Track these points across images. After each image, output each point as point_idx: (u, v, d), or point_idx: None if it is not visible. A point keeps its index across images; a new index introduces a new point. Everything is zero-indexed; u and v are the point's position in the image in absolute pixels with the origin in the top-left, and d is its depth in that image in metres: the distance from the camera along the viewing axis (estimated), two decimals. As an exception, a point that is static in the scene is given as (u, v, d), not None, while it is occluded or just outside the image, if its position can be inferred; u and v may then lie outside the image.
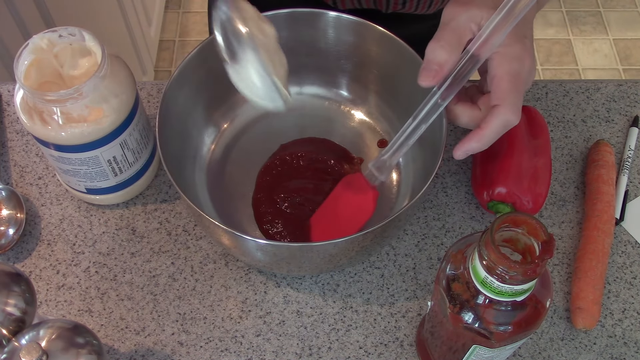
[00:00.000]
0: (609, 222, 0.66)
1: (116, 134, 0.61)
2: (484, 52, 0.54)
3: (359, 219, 0.64)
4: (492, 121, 0.55)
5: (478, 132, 0.56)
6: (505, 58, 0.55)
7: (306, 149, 0.70)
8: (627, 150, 0.73)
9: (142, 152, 0.67)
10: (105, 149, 0.62)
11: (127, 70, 0.63)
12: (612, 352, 0.62)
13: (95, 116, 0.59)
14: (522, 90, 0.56)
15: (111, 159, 0.63)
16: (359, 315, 0.64)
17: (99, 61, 0.60)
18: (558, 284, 0.66)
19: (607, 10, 2.03)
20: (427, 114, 0.57)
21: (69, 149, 0.61)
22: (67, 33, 0.61)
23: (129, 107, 0.62)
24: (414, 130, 0.58)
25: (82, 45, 0.61)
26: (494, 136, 0.56)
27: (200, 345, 0.62)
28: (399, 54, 0.65)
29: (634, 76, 1.89)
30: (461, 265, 0.48)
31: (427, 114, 0.57)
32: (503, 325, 0.47)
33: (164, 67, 1.88)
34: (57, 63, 0.61)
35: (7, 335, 0.50)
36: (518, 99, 0.55)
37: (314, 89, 0.74)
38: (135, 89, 0.63)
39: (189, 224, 0.69)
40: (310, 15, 0.67)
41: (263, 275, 0.66)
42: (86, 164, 0.62)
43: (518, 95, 0.55)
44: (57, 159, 0.63)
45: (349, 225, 0.64)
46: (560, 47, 1.94)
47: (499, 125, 0.55)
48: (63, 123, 0.59)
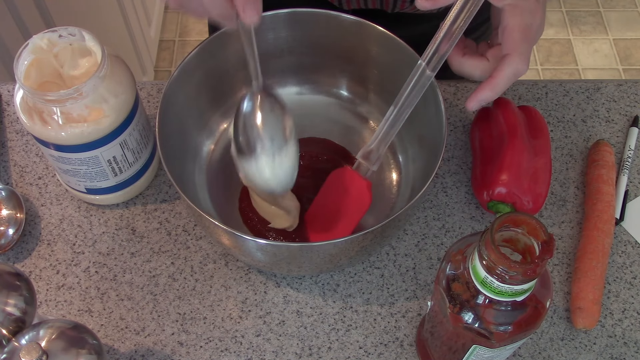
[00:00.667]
0: (609, 222, 0.66)
1: (116, 134, 0.61)
2: None
3: (356, 211, 0.64)
4: (504, 69, 0.56)
5: (490, 81, 0.57)
6: (518, 10, 0.56)
7: (306, 148, 0.70)
8: (627, 150, 0.73)
9: (142, 152, 0.67)
10: (105, 149, 0.62)
11: (127, 70, 0.63)
12: (612, 352, 0.62)
13: (95, 116, 0.59)
14: (532, 43, 0.57)
15: (111, 159, 0.63)
16: (359, 315, 0.64)
17: (99, 61, 0.60)
18: (558, 284, 0.66)
19: (607, 10, 2.03)
20: (412, 93, 0.58)
21: (69, 149, 0.61)
22: (67, 33, 0.61)
23: (128, 107, 0.62)
24: (399, 114, 0.59)
25: (82, 45, 0.61)
26: (505, 84, 0.57)
27: (200, 345, 0.62)
28: (399, 54, 0.65)
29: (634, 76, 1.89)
30: (461, 265, 0.48)
31: (412, 93, 0.58)
32: (503, 325, 0.47)
33: (164, 67, 1.88)
34: (57, 63, 0.61)
35: (7, 335, 0.50)
36: (528, 50, 0.57)
37: (314, 89, 0.74)
38: (135, 89, 0.63)
39: (189, 224, 0.69)
40: (310, 15, 0.67)
41: (263, 275, 0.66)
42: (86, 164, 0.62)
43: (528, 46, 0.57)
44: (57, 159, 0.63)
45: (348, 219, 0.64)
46: (560, 47, 1.94)
47: (510, 73, 0.57)
48: (63, 123, 0.59)
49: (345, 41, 0.69)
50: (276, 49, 0.70)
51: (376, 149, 0.62)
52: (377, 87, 0.71)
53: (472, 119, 0.75)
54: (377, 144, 0.62)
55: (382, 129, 0.61)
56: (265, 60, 0.71)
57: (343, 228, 0.64)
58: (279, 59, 0.71)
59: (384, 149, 0.62)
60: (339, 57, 0.70)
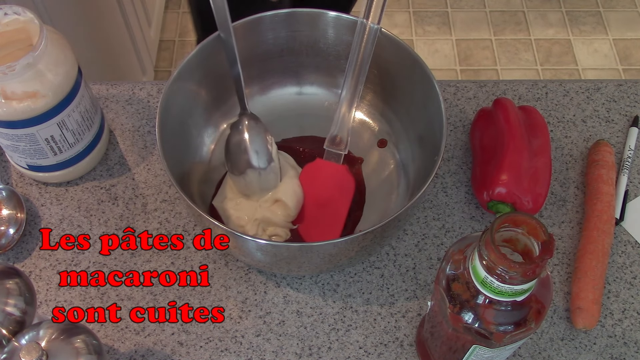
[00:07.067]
0: (609, 222, 0.66)
1: (52, 114, 0.62)
2: None
3: (344, 196, 0.64)
4: None
5: None
6: None
7: (306, 147, 0.70)
8: (627, 150, 0.73)
9: (84, 133, 0.68)
10: (42, 128, 0.63)
11: (69, 53, 0.64)
12: (612, 352, 0.62)
13: (30, 95, 0.60)
14: None
15: (49, 138, 0.64)
16: (359, 315, 0.64)
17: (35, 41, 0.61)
18: (558, 284, 0.66)
19: (607, 10, 2.03)
20: (364, 58, 0.58)
21: (5, 125, 0.62)
22: (12, 11, 0.62)
23: (67, 89, 0.63)
24: (355, 87, 0.59)
25: (21, 23, 0.63)
26: None
27: (200, 345, 0.62)
28: (399, 54, 0.65)
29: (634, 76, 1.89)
30: (461, 265, 0.48)
31: (364, 58, 0.58)
32: (503, 325, 0.47)
33: (164, 67, 1.88)
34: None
35: (7, 335, 0.50)
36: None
37: (314, 89, 0.74)
38: (77, 71, 0.64)
39: (189, 224, 0.69)
40: (310, 15, 0.67)
41: (263, 275, 0.66)
42: (23, 140, 0.64)
43: None
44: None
45: (337, 206, 0.64)
46: (560, 47, 1.94)
47: None
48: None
49: (345, 41, 0.69)
50: (276, 49, 0.70)
51: (340, 129, 0.62)
52: (376, 87, 0.71)
53: (472, 119, 0.75)
54: (339, 128, 0.61)
55: (340, 111, 0.60)
56: (265, 60, 0.71)
57: (336, 218, 0.64)
58: (279, 59, 0.71)
59: (348, 126, 0.61)
60: (339, 57, 0.70)
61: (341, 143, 0.63)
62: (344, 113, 0.60)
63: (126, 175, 0.72)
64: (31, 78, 0.60)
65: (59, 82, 0.61)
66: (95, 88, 0.78)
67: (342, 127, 0.61)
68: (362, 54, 0.57)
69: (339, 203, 0.66)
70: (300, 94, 0.74)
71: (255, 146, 0.63)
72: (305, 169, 0.67)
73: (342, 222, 0.65)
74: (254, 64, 0.70)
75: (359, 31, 0.56)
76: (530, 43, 1.93)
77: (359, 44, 0.57)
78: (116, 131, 0.75)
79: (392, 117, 0.71)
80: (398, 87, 0.69)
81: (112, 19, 1.45)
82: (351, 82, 0.59)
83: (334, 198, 0.66)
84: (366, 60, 0.58)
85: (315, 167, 0.67)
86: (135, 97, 0.77)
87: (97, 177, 0.72)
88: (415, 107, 0.67)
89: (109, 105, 0.77)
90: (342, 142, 0.63)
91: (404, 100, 0.69)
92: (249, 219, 0.64)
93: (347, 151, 0.64)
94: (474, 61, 1.89)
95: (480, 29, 1.96)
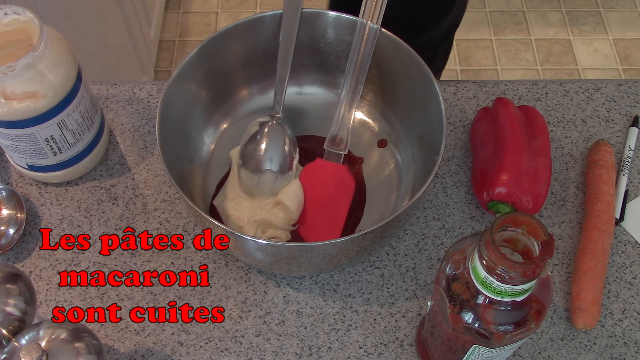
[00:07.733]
0: (609, 222, 0.66)
1: (52, 114, 0.62)
2: None
3: (344, 196, 0.64)
4: None
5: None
6: None
7: (306, 146, 0.70)
8: (627, 150, 0.73)
9: (84, 133, 0.67)
10: (42, 128, 0.63)
11: (69, 53, 0.64)
12: (612, 352, 0.62)
13: (30, 95, 0.60)
14: None
15: (49, 138, 0.64)
16: (359, 315, 0.64)
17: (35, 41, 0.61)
18: (558, 284, 0.66)
19: (607, 10, 2.03)
20: (364, 58, 0.57)
21: (5, 125, 0.62)
22: (12, 11, 0.62)
23: (67, 89, 0.63)
24: (355, 87, 0.59)
25: (21, 23, 0.62)
26: None
27: (200, 345, 0.62)
28: (399, 54, 0.65)
29: (634, 76, 1.89)
30: (461, 265, 0.48)
31: (364, 58, 0.57)
32: (503, 325, 0.47)
33: (164, 67, 1.87)
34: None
35: (7, 335, 0.50)
36: None
37: (314, 89, 0.74)
38: (77, 71, 0.64)
39: (189, 224, 0.69)
40: (310, 15, 0.67)
41: (263, 275, 0.66)
42: (23, 140, 0.64)
43: None
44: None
45: (337, 206, 0.64)
46: (560, 47, 1.94)
47: None
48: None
49: (345, 41, 0.69)
50: (276, 49, 0.70)
51: (340, 132, 0.62)
52: (376, 87, 0.71)
53: (472, 119, 0.75)
54: (339, 128, 0.62)
55: (340, 111, 0.60)
56: (265, 60, 0.71)
57: (336, 218, 0.64)
58: (279, 59, 0.71)
59: (347, 127, 0.61)
60: (339, 57, 0.70)
61: (341, 143, 0.63)
62: (344, 113, 0.61)
63: (126, 175, 0.72)
64: (31, 78, 0.60)
65: (59, 82, 0.61)
66: (95, 88, 0.78)
67: (342, 127, 0.62)
68: (362, 54, 0.57)
69: (339, 203, 0.66)
70: (300, 94, 0.74)
71: (283, 151, 0.63)
72: (306, 169, 0.67)
73: (342, 222, 0.65)
74: (254, 64, 0.70)
75: (359, 31, 0.56)
76: (530, 43, 1.93)
77: (358, 44, 0.58)
78: (116, 131, 0.75)
79: (392, 117, 0.71)
80: (398, 87, 0.69)
81: (112, 19, 1.45)
82: (351, 82, 0.59)
83: (334, 198, 0.66)
84: (366, 60, 0.58)
85: (315, 167, 0.67)
86: (135, 97, 0.77)
87: (97, 177, 0.72)
88: (415, 107, 0.67)
89: (109, 105, 0.77)
90: (342, 142, 0.63)
91: (404, 100, 0.69)
92: (249, 220, 0.64)
93: (347, 151, 0.64)
94: (474, 61, 1.89)
95: (480, 29, 1.96)
